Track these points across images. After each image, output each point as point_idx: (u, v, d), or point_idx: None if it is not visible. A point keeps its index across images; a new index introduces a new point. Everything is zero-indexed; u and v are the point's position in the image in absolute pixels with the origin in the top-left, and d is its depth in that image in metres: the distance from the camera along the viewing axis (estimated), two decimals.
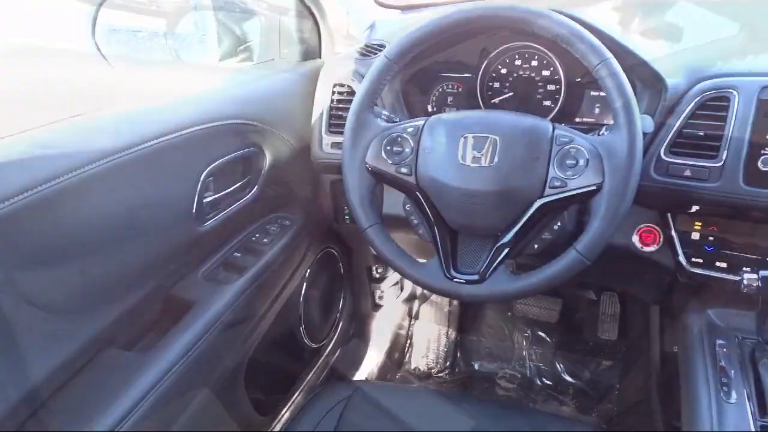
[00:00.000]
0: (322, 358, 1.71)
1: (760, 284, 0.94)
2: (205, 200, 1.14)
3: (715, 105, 1.04)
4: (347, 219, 1.48)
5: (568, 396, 1.93)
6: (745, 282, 0.99)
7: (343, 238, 1.68)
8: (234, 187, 1.23)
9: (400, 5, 1.53)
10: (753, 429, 0.89)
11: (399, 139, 1.03)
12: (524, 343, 2.08)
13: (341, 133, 1.11)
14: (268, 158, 1.29)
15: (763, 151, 1.00)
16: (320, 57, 1.48)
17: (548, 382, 1.99)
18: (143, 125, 0.98)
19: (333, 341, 1.76)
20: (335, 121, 1.34)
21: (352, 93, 1.32)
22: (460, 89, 1.37)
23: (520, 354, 2.06)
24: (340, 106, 1.34)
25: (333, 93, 1.35)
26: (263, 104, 1.27)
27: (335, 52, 1.44)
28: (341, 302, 1.78)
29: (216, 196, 1.17)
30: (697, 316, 1.12)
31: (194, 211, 1.11)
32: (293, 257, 1.41)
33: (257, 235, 1.33)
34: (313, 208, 1.49)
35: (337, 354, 1.78)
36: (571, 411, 1.89)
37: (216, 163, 1.14)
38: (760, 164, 1.00)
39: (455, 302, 2.15)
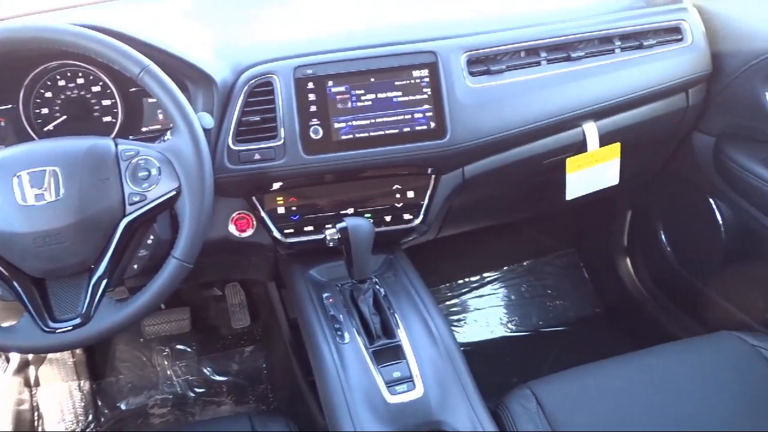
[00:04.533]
0: None
1: (338, 236, 1.08)
2: None
3: (262, 91, 1.14)
4: None
5: (224, 395, 1.95)
6: (328, 238, 1.13)
7: None
8: None
9: None
10: (367, 357, 1.04)
11: None
12: (165, 362, 2.01)
13: None
14: None
15: (310, 123, 1.15)
16: None
17: (201, 390, 1.97)
18: None
19: None
20: None
21: None
22: (3, 123, 1.22)
23: (165, 375, 1.99)
24: None
25: None
26: None
27: None
28: None
29: None
30: (302, 280, 1.23)
31: None
32: None
33: None
34: None
35: None
36: (231, 407, 1.91)
37: None
38: (311, 134, 1.15)
39: (78, 351, 1.95)
